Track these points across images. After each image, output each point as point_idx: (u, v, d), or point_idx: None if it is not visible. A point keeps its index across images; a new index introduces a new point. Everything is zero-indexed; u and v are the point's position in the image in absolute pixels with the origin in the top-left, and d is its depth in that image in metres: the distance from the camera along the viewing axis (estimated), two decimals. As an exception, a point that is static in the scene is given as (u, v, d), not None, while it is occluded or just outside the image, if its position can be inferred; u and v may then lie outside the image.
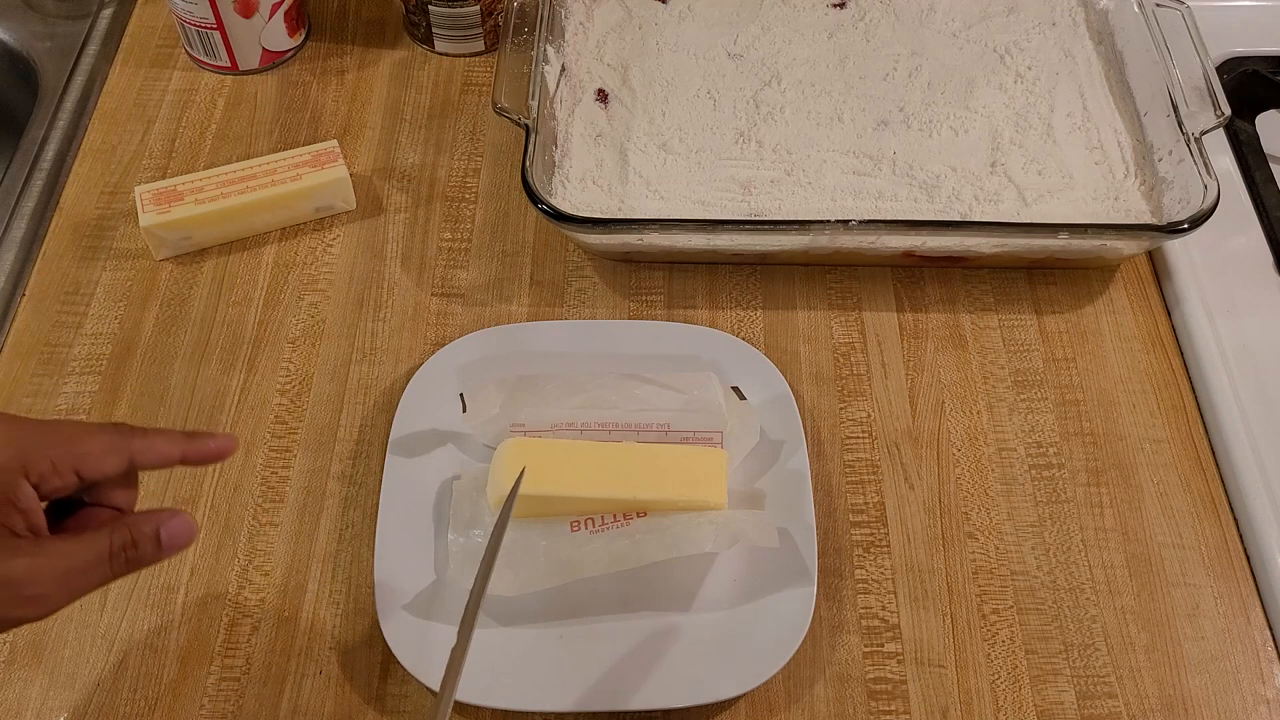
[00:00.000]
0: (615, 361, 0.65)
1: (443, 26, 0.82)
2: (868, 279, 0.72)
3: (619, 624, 0.57)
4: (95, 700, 0.56)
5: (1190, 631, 0.59)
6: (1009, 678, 0.58)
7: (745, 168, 0.73)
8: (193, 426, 0.65)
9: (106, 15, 0.87)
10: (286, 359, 0.69)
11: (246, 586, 0.60)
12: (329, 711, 0.56)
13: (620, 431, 0.61)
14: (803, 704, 0.57)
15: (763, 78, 0.78)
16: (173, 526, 0.45)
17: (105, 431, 0.45)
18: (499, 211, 0.76)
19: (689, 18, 0.82)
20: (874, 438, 0.66)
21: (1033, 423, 0.67)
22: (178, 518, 0.45)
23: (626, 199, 0.72)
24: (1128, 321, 0.71)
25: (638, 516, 0.58)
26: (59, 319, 0.70)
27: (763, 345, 0.69)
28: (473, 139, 0.79)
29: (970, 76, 0.78)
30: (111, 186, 0.76)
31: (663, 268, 0.73)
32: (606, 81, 0.78)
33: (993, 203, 0.71)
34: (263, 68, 0.83)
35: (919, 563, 0.61)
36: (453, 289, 0.72)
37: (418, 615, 0.57)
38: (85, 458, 0.44)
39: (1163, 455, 0.65)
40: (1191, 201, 0.67)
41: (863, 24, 0.82)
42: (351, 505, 0.63)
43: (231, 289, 0.71)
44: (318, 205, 0.74)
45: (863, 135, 0.75)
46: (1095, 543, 0.62)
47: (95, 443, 0.45)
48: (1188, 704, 0.57)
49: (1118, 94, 0.77)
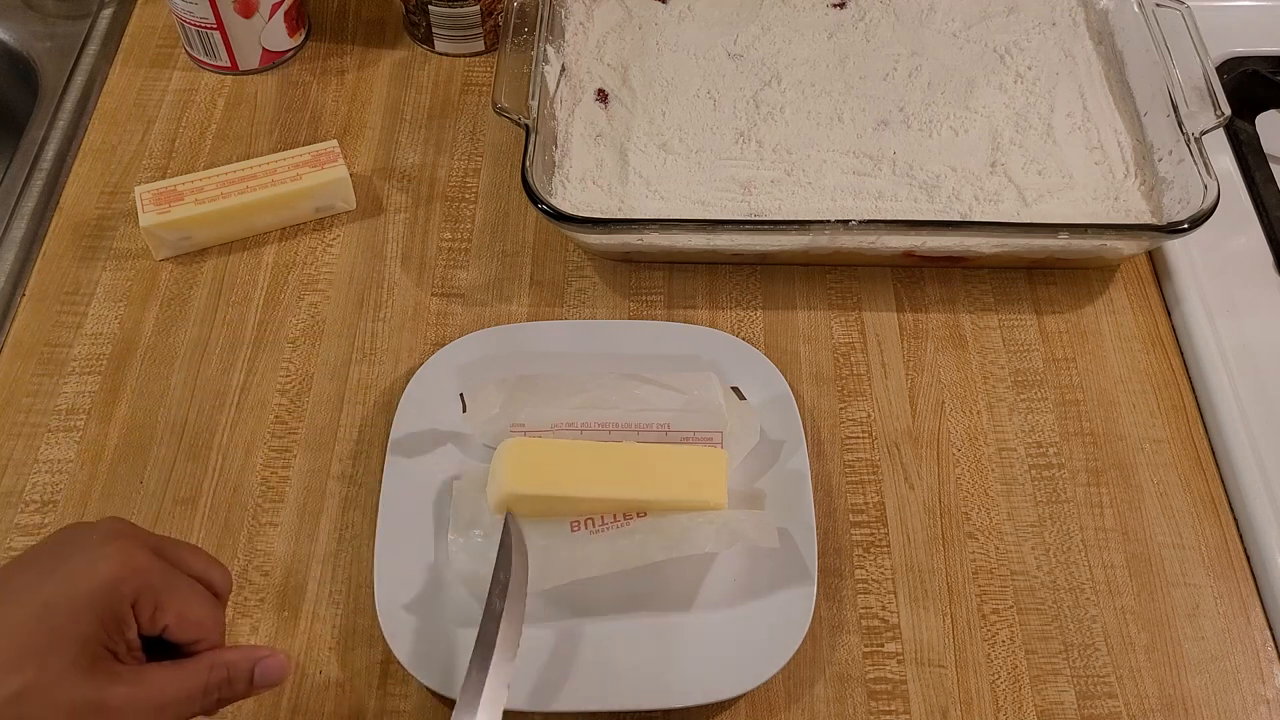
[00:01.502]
0: (615, 361, 0.65)
1: (443, 26, 0.82)
2: (868, 279, 0.72)
3: (619, 624, 0.57)
4: (95, 700, 0.56)
5: (1190, 631, 0.59)
6: (1009, 678, 0.58)
7: (745, 168, 0.73)
8: (193, 427, 0.65)
9: (106, 15, 0.87)
10: (286, 359, 0.69)
11: (246, 586, 0.60)
12: (329, 711, 0.56)
13: (620, 431, 0.61)
14: (803, 704, 0.57)
15: (763, 78, 0.78)
16: (267, 666, 0.46)
17: (213, 607, 0.45)
18: (499, 211, 0.76)
19: (689, 18, 0.82)
20: (874, 438, 0.66)
21: (1033, 423, 0.67)
22: (274, 659, 0.46)
23: (626, 199, 0.72)
24: (1128, 321, 0.71)
25: (638, 516, 0.58)
26: (59, 319, 0.70)
27: (763, 345, 0.69)
28: (473, 139, 0.79)
29: (970, 76, 0.78)
30: (111, 186, 0.76)
31: (663, 268, 0.73)
32: (606, 81, 0.78)
33: (993, 203, 0.71)
34: (263, 68, 0.83)
35: (919, 563, 0.61)
36: (453, 289, 0.72)
37: (418, 615, 0.57)
38: (183, 621, 0.44)
39: (1163, 455, 0.65)
40: (1191, 201, 0.67)
41: (863, 24, 0.82)
42: (351, 505, 0.63)
43: (231, 289, 0.71)
44: (318, 205, 0.74)
45: (863, 135, 0.75)
46: (1095, 543, 0.62)
47: (201, 612, 0.45)
48: (1188, 704, 0.57)
49: (1118, 94, 0.77)
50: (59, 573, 0.42)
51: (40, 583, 0.42)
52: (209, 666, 0.44)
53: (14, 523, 0.62)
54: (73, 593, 0.41)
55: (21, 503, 0.62)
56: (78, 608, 0.41)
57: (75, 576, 0.42)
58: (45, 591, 0.41)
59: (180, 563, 0.45)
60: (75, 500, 0.63)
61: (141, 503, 0.63)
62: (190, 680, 0.44)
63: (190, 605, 0.44)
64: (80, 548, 0.43)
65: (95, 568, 0.42)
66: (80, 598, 0.41)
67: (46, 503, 0.62)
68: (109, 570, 0.42)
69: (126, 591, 0.42)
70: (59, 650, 0.40)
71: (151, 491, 0.63)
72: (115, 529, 0.44)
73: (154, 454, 0.64)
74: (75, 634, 0.41)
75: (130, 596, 0.42)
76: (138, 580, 0.42)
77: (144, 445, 0.65)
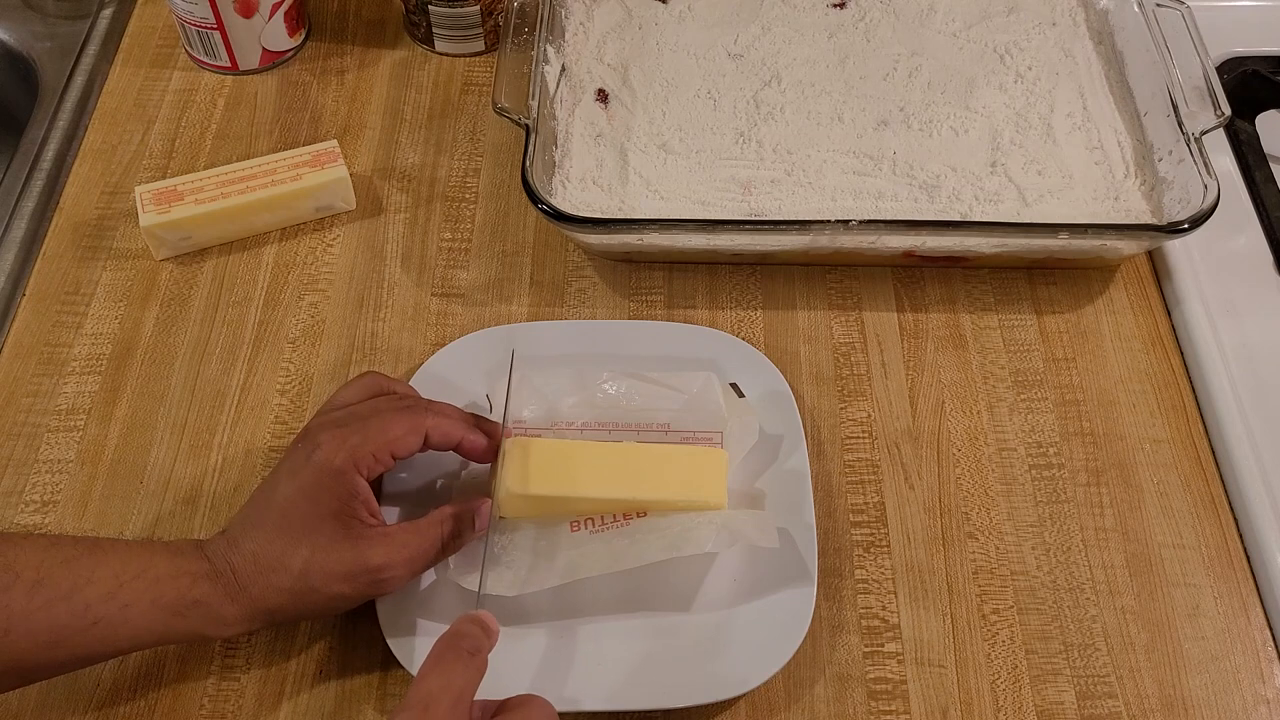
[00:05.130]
0: (615, 361, 0.65)
1: (443, 26, 0.82)
2: (868, 279, 0.72)
3: (619, 624, 0.57)
4: (95, 700, 0.56)
5: (1190, 631, 0.59)
6: (1009, 678, 0.58)
7: (745, 168, 0.73)
8: (193, 427, 0.65)
9: (106, 15, 0.87)
10: (286, 359, 0.69)
11: (246, 586, 0.60)
12: (329, 711, 0.56)
13: (620, 431, 0.61)
14: (803, 704, 0.57)
15: (763, 78, 0.78)
16: (482, 512, 0.56)
17: (404, 415, 0.55)
18: (499, 211, 0.76)
19: (689, 18, 0.82)
20: (874, 438, 0.66)
21: (1033, 423, 0.67)
22: (484, 504, 0.56)
23: (626, 199, 0.72)
24: (1128, 321, 0.71)
25: (638, 516, 0.58)
26: (59, 319, 0.70)
27: (763, 345, 0.69)
28: (473, 139, 0.79)
29: (970, 76, 0.78)
30: (111, 186, 0.76)
31: (663, 268, 0.73)
32: (606, 81, 0.78)
33: (993, 203, 0.71)
34: (263, 68, 0.83)
35: (919, 563, 0.61)
36: (453, 289, 0.72)
37: (418, 615, 0.57)
38: (396, 443, 0.54)
39: (1163, 455, 0.65)
40: (1191, 201, 0.67)
41: (863, 24, 0.82)
42: (351, 505, 0.63)
43: (231, 289, 0.71)
44: (318, 205, 0.74)
45: (863, 135, 0.75)
46: (1095, 543, 0.62)
47: (399, 428, 0.55)
48: (1188, 704, 0.57)
49: (1118, 94, 0.77)
50: (303, 471, 0.53)
51: (294, 476, 0.53)
52: (439, 521, 0.55)
53: (14, 522, 0.62)
54: (313, 481, 0.52)
55: (21, 503, 0.62)
56: (321, 492, 0.52)
57: (311, 469, 0.53)
58: (300, 481, 0.53)
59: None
60: (75, 500, 0.63)
61: (141, 503, 0.63)
62: (429, 534, 0.54)
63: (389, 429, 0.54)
64: (309, 448, 0.53)
65: (319, 458, 0.53)
66: (319, 484, 0.52)
67: (46, 503, 0.62)
68: (325, 458, 0.53)
69: (347, 468, 0.53)
70: (319, 529, 0.52)
71: (151, 491, 0.63)
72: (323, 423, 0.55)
73: (154, 454, 0.64)
74: (328, 512, 0.52)
75: (351, 469, 0.53)
76: (344, 454, 0.53)
77: (144, 445, 0.65)
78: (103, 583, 0.49)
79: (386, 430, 0.54)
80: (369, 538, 0.52)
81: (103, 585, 0.49)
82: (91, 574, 0.49)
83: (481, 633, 0.49)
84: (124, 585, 0.49)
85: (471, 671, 0.48)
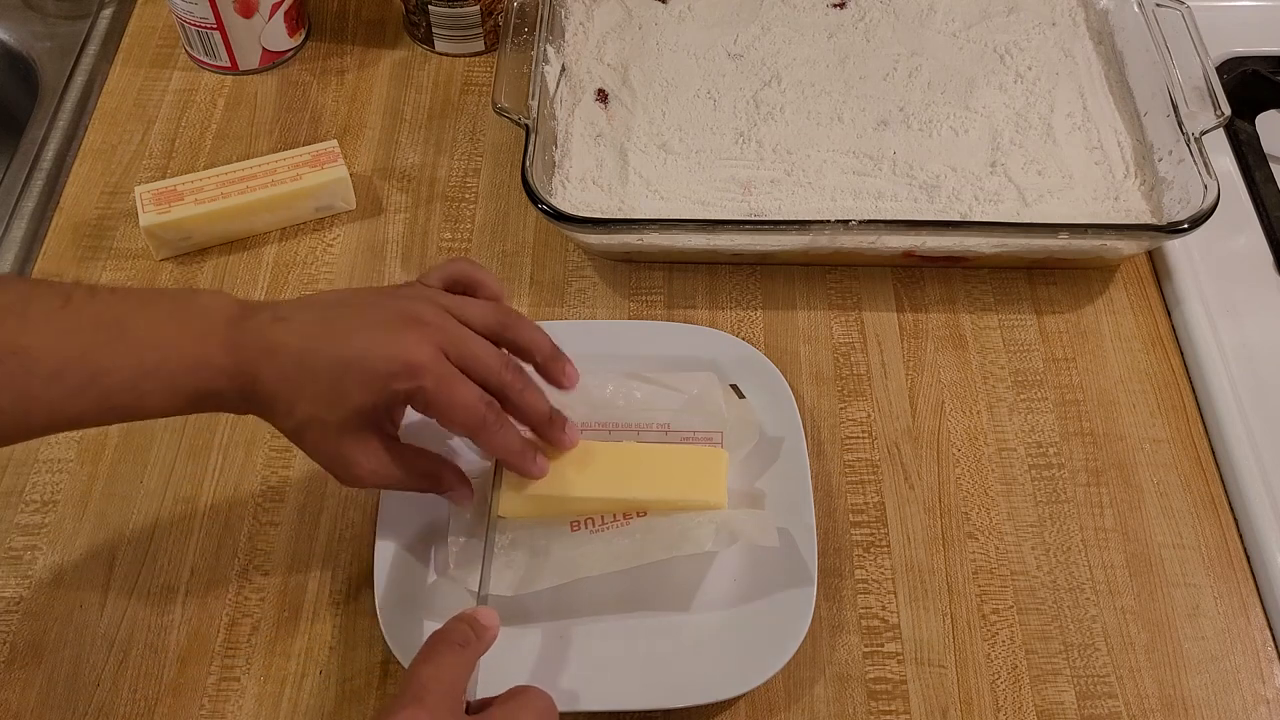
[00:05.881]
0: (615, 361, 0.65)
1: (443, 26, 0.82)
2: (868, 279, 0.72)
3: (619, 624, 0.57)
4: (95, 700, 0.56)
5: (1190, 631, 0.59)
6: (1009, 678, 0.58)
7: (745, 168, 0.73)
8: (193, 427, 0.65)
9: (106, 15, 0.87)
10: (286, 359, 0.68)
11: (246, 586, 0.60)
12: (329, 711, 0.56)
13: (620, 431, 0.61)
14: (803, 704, 0.57)
15: (763, 78, 0.78)
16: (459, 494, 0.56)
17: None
18: (499, 211, 0.76)
19: (689, 18, 0.82)
20: (874, 438, 0.66)
21: (1033, 423, 0.67)
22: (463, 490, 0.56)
23: (626, 199, 0.72)
24: (1128, 321, 0.71)
25: (638, 516, 0.58)
26: (59, 319, 0.70)
27: (763, 345, 0.69)
28: (473, 139, 0.79)
29: (970, 76, 0.78)
30: (111, 186, 0.76)
31: (663, 268, 0.73)
32: (606, 81, 0.78)
33: (993, 203, 0.71)
34: (263, 68, 0.83)
35: (919, 563, 0.61)
36: (453, 289, 0.72)
37: (418, 615, 0.57)
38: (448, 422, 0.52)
39: (1163, 455, 0.65)
40: (1191, 201, 0.67)
41: (863, 24, 0.82)
42: (351, 505, 0.63)
43: (231, 289, 0.71)
44: (318, 205, 0.74)
45: (863, 135, 0.75)
46: (1095, 543, 0.62)
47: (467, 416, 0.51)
48: (1188, 704, 0.57)
49: (1118, 94, 0.77)
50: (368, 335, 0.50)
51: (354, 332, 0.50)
52: (425, 470, 0.54)
53: (14, 523, 0.62)
54: (367, 368, 0.49)
55: (21, 503, 0.62)
56: (365, 381, 0.49)
57: (376, 350, 0.49)
58: (355, 344, 0.49)
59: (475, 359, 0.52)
60: (75, 500, 0.63)
61: (141, 503, 0.63)
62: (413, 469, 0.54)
63: (456, 410, 0.51)
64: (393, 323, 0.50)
65: (390, 352, 0.49)
66: (369, 375, 0.49)
67: (46, 502, 0.62)
68: (395, 364, 0.49)
69: (402, 389, 0.49)
70: (340, 406, 0.49)
71: (151, 491, 0.63)
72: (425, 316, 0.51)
73: (154, 454, 0.64)
74: (356, 402, 0.49)
75: (404, 396, 0.50)
76: (414, 382, 0.49)
77: (144, 445, 0.65)
78: (121, 372, 0.48)
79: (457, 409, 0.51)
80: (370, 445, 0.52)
81: (121, 375, 0.48)
82: (112, 364, 0.48)
83: (470, 630, 0.50)
84: (143, 376, 0.48)
85: (462, 662, 0.48)
